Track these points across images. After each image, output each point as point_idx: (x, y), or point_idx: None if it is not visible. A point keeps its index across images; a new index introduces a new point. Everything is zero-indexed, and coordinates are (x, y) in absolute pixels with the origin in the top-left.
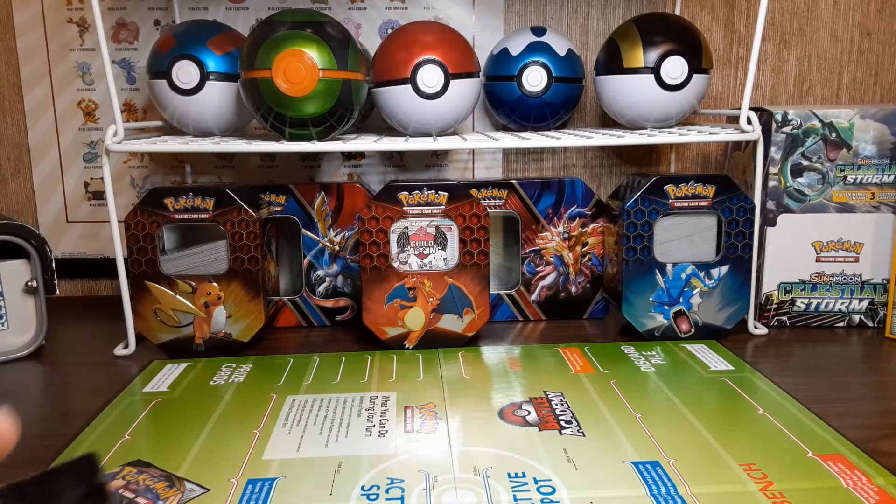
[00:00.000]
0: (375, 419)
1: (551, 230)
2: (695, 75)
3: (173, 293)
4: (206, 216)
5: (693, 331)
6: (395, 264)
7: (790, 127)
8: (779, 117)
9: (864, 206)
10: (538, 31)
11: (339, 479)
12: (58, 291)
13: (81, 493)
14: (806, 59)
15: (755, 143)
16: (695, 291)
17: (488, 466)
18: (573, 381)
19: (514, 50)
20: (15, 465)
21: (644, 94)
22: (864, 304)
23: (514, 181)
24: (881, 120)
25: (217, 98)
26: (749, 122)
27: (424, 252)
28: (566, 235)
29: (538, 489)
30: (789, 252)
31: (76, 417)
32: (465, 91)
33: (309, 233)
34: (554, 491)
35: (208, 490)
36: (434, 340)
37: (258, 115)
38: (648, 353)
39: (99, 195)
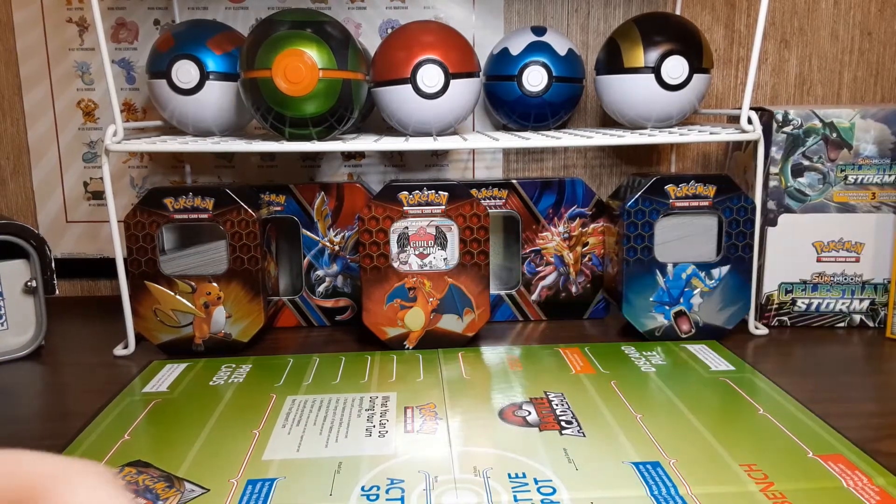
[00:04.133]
0: (375, 419)
1: (551, 230)
2: (695, 75)
3: (173, 293)
4: (205, 216)
5: (693, 331)
6: (395, 264)
7: (791, 127)
8: (779, 117)
9: (865, 206)
10: (538, 30)
11: (339, 480)
12: (57, 291)
13: None
14: (806, 59)
15: (756, 142)
16: (695, 291)
17: (488, 467)
18: (573, 382)
19: (515, 49)
20: None
21: (644, 93)
22: (865, 304)
23: (514, 181)
24: (882, 120)
25: (217, 98)
26: (750, 121)
27: (424, 252)
28: (566, 235)
29: (538, 489)
30: (790, 252)
31: (76, 418)
32: (465, 91)
33: (309, 233)
34: (554, 491)
35: (208, 490)
36: (434, 340)
37: (258, 115)
38: (649, 353)
39: (98, 195)
